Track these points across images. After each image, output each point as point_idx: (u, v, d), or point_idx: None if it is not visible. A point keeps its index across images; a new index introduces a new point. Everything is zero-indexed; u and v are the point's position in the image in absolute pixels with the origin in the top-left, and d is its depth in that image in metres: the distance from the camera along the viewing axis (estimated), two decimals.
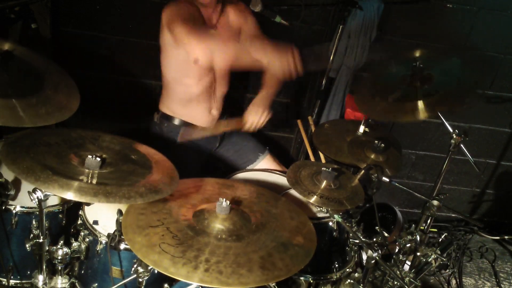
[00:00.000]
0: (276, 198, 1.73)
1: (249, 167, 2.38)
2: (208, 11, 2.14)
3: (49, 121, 1.58)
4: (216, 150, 2.42)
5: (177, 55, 2.12)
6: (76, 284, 1.71)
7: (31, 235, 1.55)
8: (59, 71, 1.81)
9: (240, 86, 2.79)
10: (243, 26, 2.24)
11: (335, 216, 1.76)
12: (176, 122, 2.28)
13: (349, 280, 1.91)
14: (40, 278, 1.59)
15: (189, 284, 1.56)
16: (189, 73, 2.17)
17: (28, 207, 1.68)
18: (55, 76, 1.77)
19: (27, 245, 1.54)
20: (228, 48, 2.04)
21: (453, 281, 2.85)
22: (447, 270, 2.89)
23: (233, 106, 2.44)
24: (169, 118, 2.28)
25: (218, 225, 1.42)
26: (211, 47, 1.95)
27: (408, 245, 1.96)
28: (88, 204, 1.70)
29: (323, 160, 2.45)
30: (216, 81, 2.25)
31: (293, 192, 2.00)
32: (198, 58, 1.98)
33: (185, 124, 2.28)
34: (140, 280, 1.46)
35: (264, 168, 2.36)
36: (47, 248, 1.53)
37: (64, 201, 1.75)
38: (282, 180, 2.20)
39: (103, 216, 1.70)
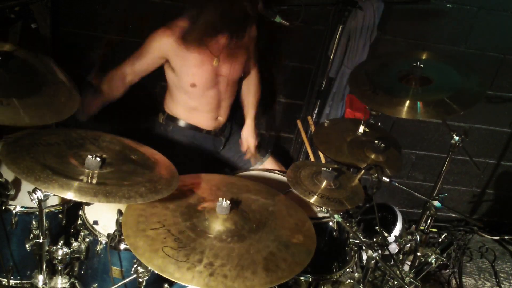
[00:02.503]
0: (273, 194, 1.73)
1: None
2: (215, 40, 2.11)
3: (49, 121, 1.60)
4: (218, 152, 2.42)
5: (177, 77, 2.16)
6: (76, 284, 1.71)
7: (31, 235, 1.55)
8: (60, 71, 1.81)
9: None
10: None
11: (335, 216, 1.76)
12: (182, 124, 2.28)
13: (349, 280, 1.91)
14: (40, 278, 1.59)
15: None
16: (186, 90, 2.18)
17: (28, 207, 1.68)
18: (56, 76, 1.77)
19: (27, 245, 1.54)
20: (228, 77, 2.21)
21: (453, 281, 2.85)
22: (447, 270, 2.89)
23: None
24: (174, 120, 2.29)
25: (219, 226, 1.42)
26: (209, 77, 2.15)
27: (408, 245, 1.96)
28: (88, 204, 1.70)
29: (323, 160, 2.45)
30: (222, 92, 2.25)
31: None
32: (196, 84, 2.06)
33: (191, 127, 2.29)
34: (140, 280, 1.46)
35: (264, 168, 2.36)
36: (47, 248, 1.53)
37: (64, 201, 1.75)
38: (283, 180, 2.20)
39: (103, 216, 1.70)
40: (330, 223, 1.85)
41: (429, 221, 1.99)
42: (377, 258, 1.61)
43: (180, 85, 2.17)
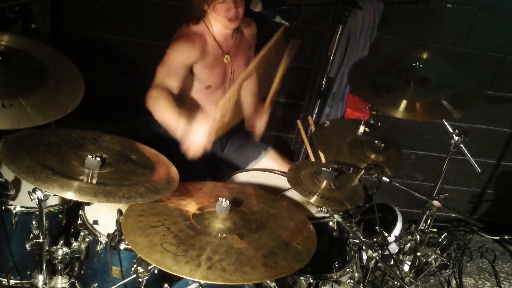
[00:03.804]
0: (274, 199, 1.74)
1: (251, 163, 2.38)
2: (224, 37, 2.15)
3: (53, 117, 1.50)
4: (219, 153, 2.42)
5: (188, 79, 2.14)
6: (76, 284, 1.71)
7: (31, 235, 1.55)
8: (62, 60, 1.74)
9: None
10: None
11: (335, 216, 1.76)
12: None
13: (349, 280, 1.91)
14: (40, 278, 1.60)
15: (188, 284, 1.56)
16: (199, 91, 2.18)
17: (28, 207, 1.68)
18: (58, 66, 1.69)
19: (27, 245, 1.54)
20: (234, 75, 2.21)
21: (453, 281, 2.85)
22: (447, 270, 2.89)
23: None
24: None
25: (219, 225, 1.42)
26: (221, 76, 2.16)
27: (408, 245, 1.96)
28: (88, 204, 1.70)
29: (323, 160, 2.45)
30: (227, 92, 2.25)
31: (289, 194, 2.01)
32: (211, 85, 2.06)
33: None
34: (140, 280, 1.46)
35: (263, 168, 2.36)
36: (47, 248, 1.54)
37: (64, 201, 1.75)
38: (281, 180, 2.19)
39: (103, 216, 1.70)
40: (330, 223, 1.85)
41: (429, 221, 1.99)
42: (377, 258, 1.61)
43: (195, 88, 2.16)
